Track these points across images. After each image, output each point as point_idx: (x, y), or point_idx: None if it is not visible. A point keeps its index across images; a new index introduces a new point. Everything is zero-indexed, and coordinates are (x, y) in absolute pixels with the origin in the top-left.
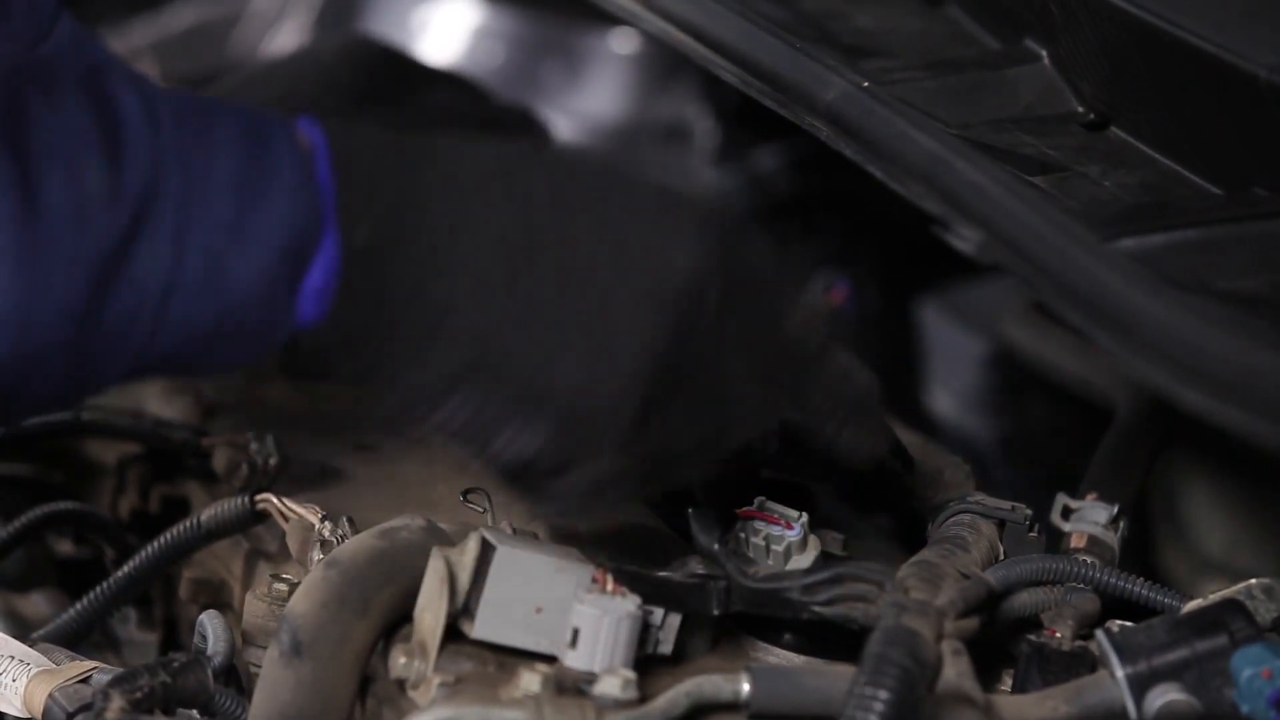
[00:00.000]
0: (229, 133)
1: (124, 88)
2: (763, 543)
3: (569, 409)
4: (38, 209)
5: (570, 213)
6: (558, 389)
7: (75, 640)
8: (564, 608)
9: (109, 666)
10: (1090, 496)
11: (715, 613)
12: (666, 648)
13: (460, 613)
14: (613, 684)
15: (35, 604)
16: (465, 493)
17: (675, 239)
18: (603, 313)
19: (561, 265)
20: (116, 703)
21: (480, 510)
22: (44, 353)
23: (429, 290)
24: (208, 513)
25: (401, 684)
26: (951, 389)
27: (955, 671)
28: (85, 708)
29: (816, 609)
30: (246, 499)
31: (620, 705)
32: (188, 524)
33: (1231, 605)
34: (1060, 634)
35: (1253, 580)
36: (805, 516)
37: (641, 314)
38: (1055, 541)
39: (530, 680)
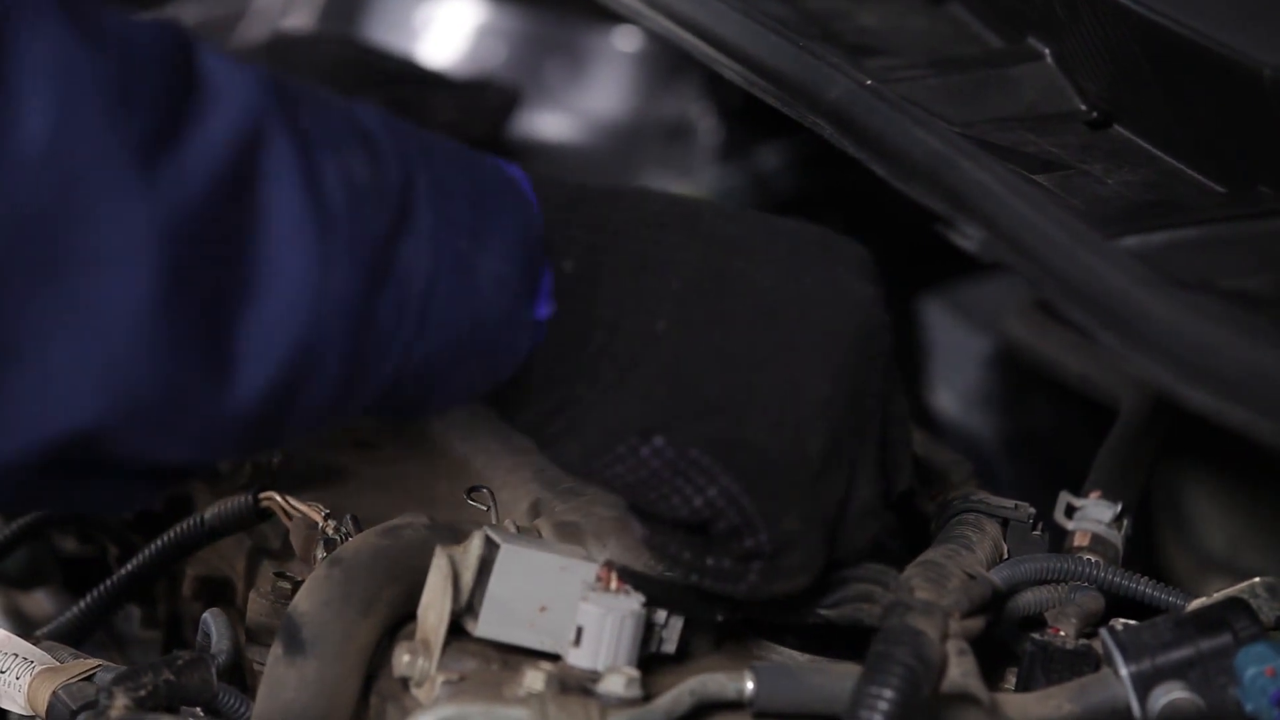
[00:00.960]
0: (449, 145)
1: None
2: None
3: (759, 460)
4: (321, 197)
5: (752, 253)
6: (749, 438)
7: (79, 638)
8: (568, 606)
9: (113, 664)
10: (1094, 495)
11: (719, 618)
12: (670, 646)
13: (464, 611)
14: (617, 682)
15: (39, 602)
16: (469, 491)
17: (848, 279)
18: (789, 355)
19: (751, 305)
20: (120, 701)
21: (484, 508)
22: (326, 344)
23: (629, 322)
24: (211, 510)
25: (405, 682)
26: (954, 387)
27: (960, 671)
28: (89, 705)
29: (822, 612)
30: (250, 497)
31: (624, 703)
32: (191, 522)
33: (1235, 604)
34: (1064, 632)
35: (1256, 579)
36: None
37: (826, 355)
38: (1059, 540)
39: (534, 678)
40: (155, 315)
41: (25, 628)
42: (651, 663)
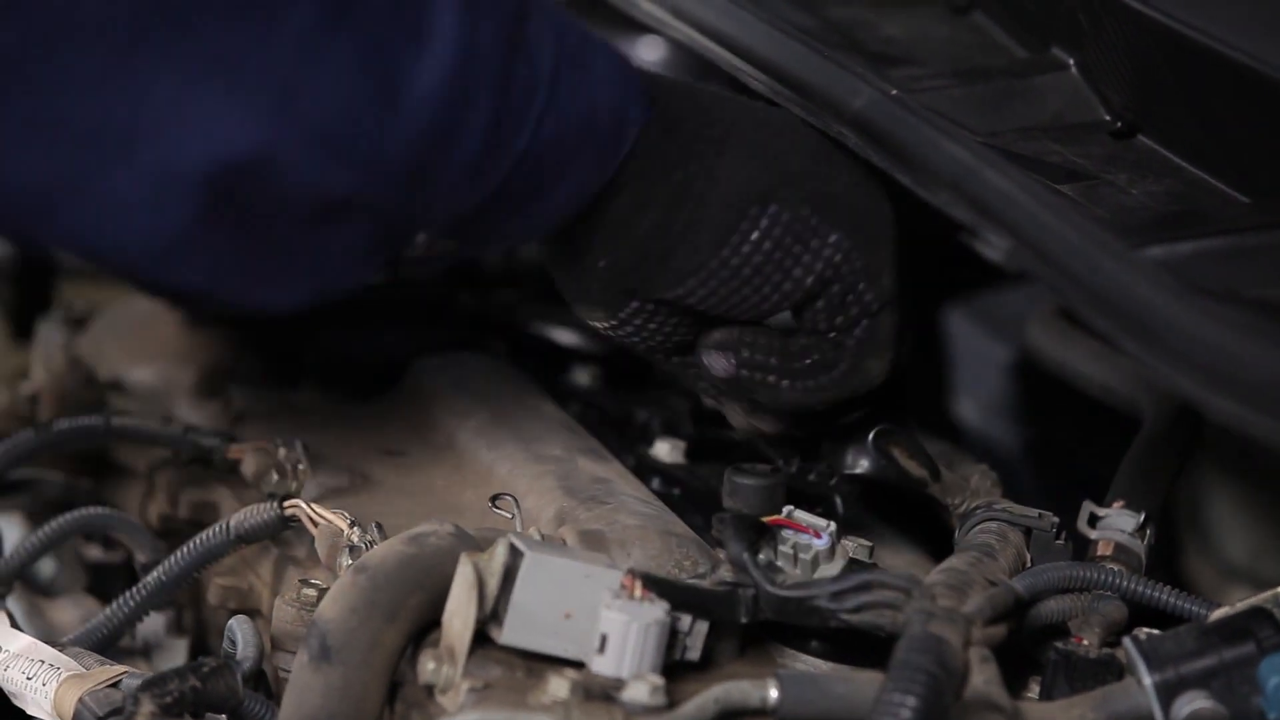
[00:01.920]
0: None
1: None
2: (791, 551)
3: (853, 213)
4: None
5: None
6: (839, 194)
7: (105, 645)
8: (592, 613)
9: (138, 671)
10: (1117, 504)
11: (743, 621)
12: (694, 654)
13: (489, 618)
14: (641, 690)
15: (65, 609)
16: (493, 498)
17: None
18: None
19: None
20: (146, 707)
21: (508, 516)
22: (475, 93)
23: (712, 114)
24: (237, 518)
25: (430, 689)
26: (978, 396)
27: (983, 678)
28: (115, 712)
29: (844, 617)
30: (275, 505)
31: (648, 711)
32: (217, 529)
33: (1258, 613)
34: (1087, 641)
35: (1279, 588)
36: (833, 525)
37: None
38: (1082, 549)
39: (558, 686)
40: (326, 39)
41: (52, 634)
42: (675, 670)
